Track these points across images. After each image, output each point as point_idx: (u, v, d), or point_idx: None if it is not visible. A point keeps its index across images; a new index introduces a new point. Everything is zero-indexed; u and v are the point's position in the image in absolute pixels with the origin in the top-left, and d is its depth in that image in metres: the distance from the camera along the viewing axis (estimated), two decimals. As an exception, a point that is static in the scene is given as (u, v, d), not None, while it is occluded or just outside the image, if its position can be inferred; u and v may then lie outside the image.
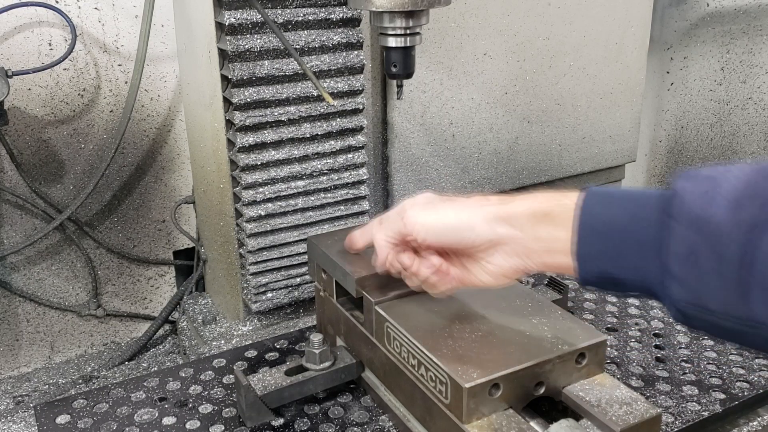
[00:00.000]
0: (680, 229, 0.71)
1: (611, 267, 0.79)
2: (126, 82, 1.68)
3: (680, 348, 1.36)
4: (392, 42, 1.23)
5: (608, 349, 1.33)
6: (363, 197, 1.52)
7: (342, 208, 1.50)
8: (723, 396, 1.21)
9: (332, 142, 1.44)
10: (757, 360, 1.32)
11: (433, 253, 0.96)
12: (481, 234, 0.89)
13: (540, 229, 0.85)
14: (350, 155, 1.47)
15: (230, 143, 1.39)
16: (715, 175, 0.72)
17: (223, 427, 1.15)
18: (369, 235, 1.06)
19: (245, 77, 1.31)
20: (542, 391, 0.96)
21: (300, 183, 1.44)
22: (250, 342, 1.45)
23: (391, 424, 1.15)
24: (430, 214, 0.93)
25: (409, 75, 1.28)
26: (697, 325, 0.74)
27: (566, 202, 0.83)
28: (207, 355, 1.44)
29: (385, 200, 1.65)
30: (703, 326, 0.73)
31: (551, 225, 0.84)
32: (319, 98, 1.39)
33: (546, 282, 1.40)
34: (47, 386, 1.75)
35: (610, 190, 0.83)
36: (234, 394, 1.23)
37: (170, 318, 1.84)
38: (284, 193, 1.43)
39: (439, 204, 0.94)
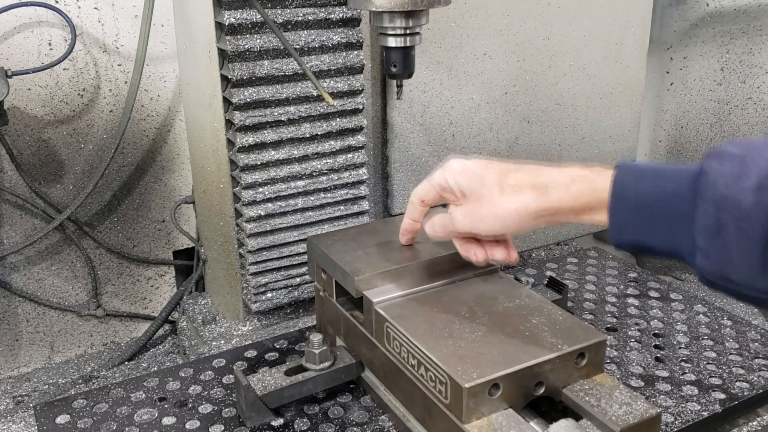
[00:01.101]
0: (706, 206, 0.76)
1: (642, 237, 0.84)
2: (126, 82, 1.68)
3: (680, 348, 1.36)
4: (392, 42, 1.23)
5: (608, 349, 1.33)
6: (363, 197, 1.52)
7: (342, 208, 1.50)
8: (723, 396, 1.22)
9: (332, 142, 1.44)
10: (756, 360, 1.32)
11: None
12: (523, 228, 0.96)
13: (581, 217, 0.91)
14: (350, 155, 1.47)
15: (230, 143, 1.39)
16: (743, 154, 0.75)
17: (222, 427, 1.15)
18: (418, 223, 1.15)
19: (245, 77, 1.31)
20: (542, 391, 0.96)
21: (300, 183, 1.44)
22: (250, 342, 1.45)
23: (390, 424, 1.15)
24: (475, 222, 0.98)
25: (409, 75, 1.28)
26: (722, 291, 0.79)
27: (601, 184, 0.88)
28: (207, 355, 1.44)
29: (384, 200, 1.65)
30: (727, 293, 0.78)
31: (591, 213, 0.90)
32: (319, 98, 1.39)
33: (546, 282, 1.40)
34: (47, 386, 1.75)
35: (641, 166, 0.87)
36: (234, 394, 1.23)
37: (170, 318, 1.84)
38: (284, 193, 1.43)
39: (477, 205, 0.97)
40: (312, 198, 1.46)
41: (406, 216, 1.16)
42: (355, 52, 1.40)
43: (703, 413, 1.18)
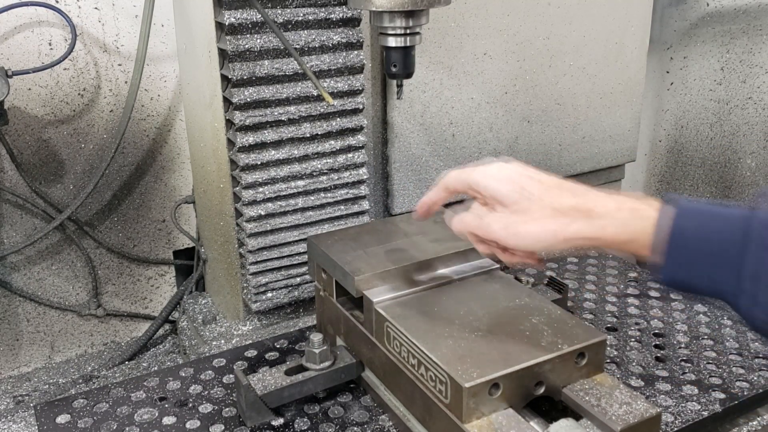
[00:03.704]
0: (754, 249, 0.76)
1: (690, 278, 0.83)
2: (126, 82, 1.69)
3: (680, 348, 1.36)
4: (392, 42, 1.23)
5: (608, 348, 1.33)
6: (363, 197, 1.52)
7: (342, 207, 1.50)
8: (723, 396, 1.22)
9: (332, 142, 1.44)
10: (756, 360, 1.32)
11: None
12: (558, 248, 0.92)
13: (625, 246, 0.88)
14: (350, 155, 1.47)
15: (230, 143, 1.39)
16: None
17: (223, 427, 1.15)
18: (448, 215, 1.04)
19: (245, 77, 1.31)
20: (542, 390, 0.96)
21: (300, 183, 1.44)
22: (250, 342, 1.45)
23: (390, 423, 1.15)
24: (511, 235, 0.92)
25: (409, 75, 1.28)
26: (766, 334, 0.80)
27: (651, 215, 0.85)
28: (207, 354, 1.44)
29: (384, 200, 1.65)
30: None
31: (636, 245, 0.87)
32: (319, 98, 1.39)
33: (546, 282, 1.40)
34: (47, 386, 1.75)
35: (701, 208, 0.85)
36: (234, 394, 1.23)
37: (170, 318, 1.84)
38: (284, 193, 1.43)
39: (516, 218, 0.92)
40: (312, 198, 1.46)
41: (427, 194, 1.08)
42: (355, 52, 1.40)
43: (703, 413, 1.18)
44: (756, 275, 0.76)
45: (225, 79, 1.34)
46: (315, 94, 1.38)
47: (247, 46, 1.30)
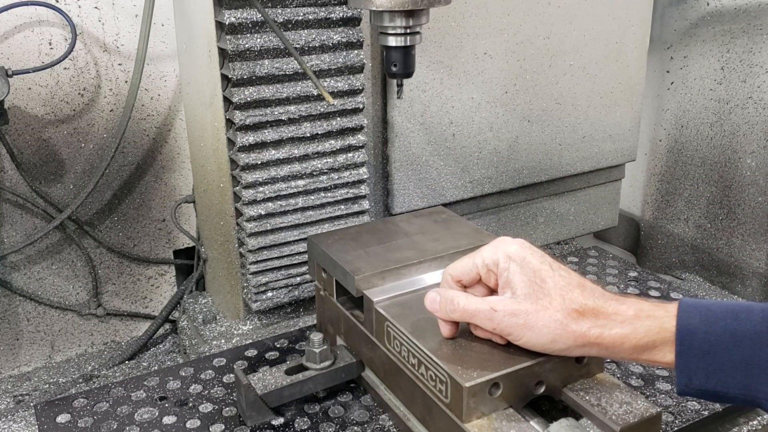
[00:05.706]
0: None
1: (714, 383, 0.79)
2: (126, 82, 1.69)
3: (680, 347, 1.36)
4: (392, 41, 1.23)
5: (608, 348, 1.33)
6: (363, 196, 1.52)
7: (342, 207, 1.50)
8: (723, 395, 1.21)
9: (332, 142, 1.44)
10: (757, 359, 1.32)
11: None
12: (567, 353, 0.90)
13: (640, 356, 0.87)
14: (350, 154, 1.47)
15: (230, 142, 1.39)
16: None
17: (223, 426, 1.15)
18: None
19: (245, 76, 1.31)
20: (542, 390, 0.96)
21: (300, 182, 1.44)
22: (251, 341, 1.45)
23: (391, 423, 1.15)
24: (520, 327, 0.89)
25: (409, 74, 1.28)
26: None
27: (669, 323, 0.83)
28: (207, 354, 1.44)
29: (385, 200, 1.65)
30: None
31: (653, 353, 0.85)
32: (319, 97, 1.39)
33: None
34: (48, 385, 1.75)
35: (708, 304, 0.82)
36: (234, 394, 1.23)
37: (170, 317, 1.84)
38: (284, 193, 1.43)
39: (530, 310, 0.88)
40: (312, 197, 1.46)
41: (436, 289, 1.01)
42: (356, 52, 1.40)
43: (704, 412, 1.18)
44: None
45: (225, 78, 1.34)
46: (315, 94, 1.38)
47: (247, 45, 1.30)
